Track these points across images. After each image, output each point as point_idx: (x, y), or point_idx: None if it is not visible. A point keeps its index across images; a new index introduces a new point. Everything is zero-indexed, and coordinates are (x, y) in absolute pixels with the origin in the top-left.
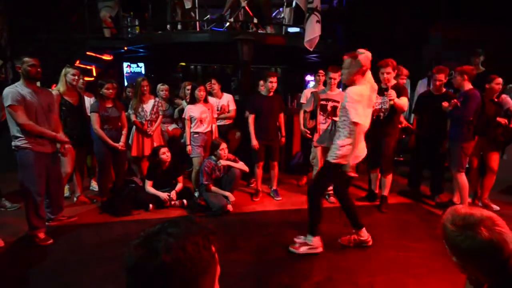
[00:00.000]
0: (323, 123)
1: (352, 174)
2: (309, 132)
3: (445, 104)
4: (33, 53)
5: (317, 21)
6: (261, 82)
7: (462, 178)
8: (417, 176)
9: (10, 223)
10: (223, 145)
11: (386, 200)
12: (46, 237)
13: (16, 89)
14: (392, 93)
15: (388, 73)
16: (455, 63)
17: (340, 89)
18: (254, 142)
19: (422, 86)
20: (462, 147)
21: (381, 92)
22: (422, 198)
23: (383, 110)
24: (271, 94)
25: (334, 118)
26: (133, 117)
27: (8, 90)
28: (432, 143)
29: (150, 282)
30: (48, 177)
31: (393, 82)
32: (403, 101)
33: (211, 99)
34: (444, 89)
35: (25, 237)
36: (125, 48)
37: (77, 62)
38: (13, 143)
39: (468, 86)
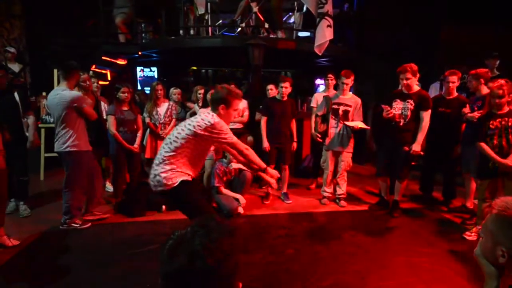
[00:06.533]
0: (334, 127)
1: None
2: (320, 136)
3: (465, 110)
4: (49, 57)
5: (328, 26)
6: (269, 86)
7: None
8: (429, 181)
9: (25, 223)
10: None
11: (398, 205)
12: (83, 222)
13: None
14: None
15: (407, 78)
16: (467, 66)
17: (351, 92)
18: (266, 144)
19: (434, 90)
20: None
21: (403, 97)
22: (434, 203)
23: (403, 116)
24: (285, 98)
25: (345, 122)
26: (147, 120)
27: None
28: (444, 147)
29: (192, 286)
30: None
31: (416, 88)
32: (426, 121)
33: None
34: (456, 93)
35: (40, 237)
36: (139, 53)
37: (93, 66)
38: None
39: (485, 89)
